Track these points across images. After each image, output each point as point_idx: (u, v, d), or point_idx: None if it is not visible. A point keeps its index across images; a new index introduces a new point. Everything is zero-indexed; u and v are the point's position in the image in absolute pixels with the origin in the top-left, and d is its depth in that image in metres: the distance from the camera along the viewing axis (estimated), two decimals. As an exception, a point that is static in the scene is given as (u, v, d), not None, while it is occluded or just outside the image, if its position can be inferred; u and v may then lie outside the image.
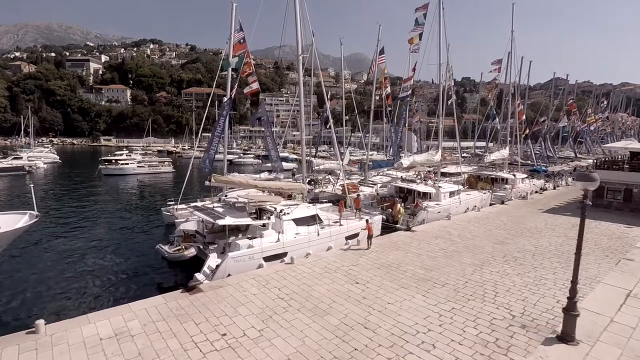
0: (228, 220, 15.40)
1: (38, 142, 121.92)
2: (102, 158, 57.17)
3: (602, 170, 28.67)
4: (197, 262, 15.52)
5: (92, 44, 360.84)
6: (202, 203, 20.20)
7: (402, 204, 24.69)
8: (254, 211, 17.25)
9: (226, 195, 21.14)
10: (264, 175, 24.15)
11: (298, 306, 11.75)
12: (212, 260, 15.04)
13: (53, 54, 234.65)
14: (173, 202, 22.22)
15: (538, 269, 15.42)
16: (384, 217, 22.99)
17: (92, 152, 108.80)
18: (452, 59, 29.16)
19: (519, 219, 24.78)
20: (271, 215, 17.06)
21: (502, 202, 30.03)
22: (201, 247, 16.19)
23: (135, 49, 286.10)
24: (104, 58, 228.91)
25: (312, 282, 13.74)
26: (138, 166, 53.98)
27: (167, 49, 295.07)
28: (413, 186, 26.27)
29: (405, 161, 26.51)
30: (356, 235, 19.37)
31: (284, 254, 16.01)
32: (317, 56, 27.00)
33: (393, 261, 16.13)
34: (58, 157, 71.46)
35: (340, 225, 18.89)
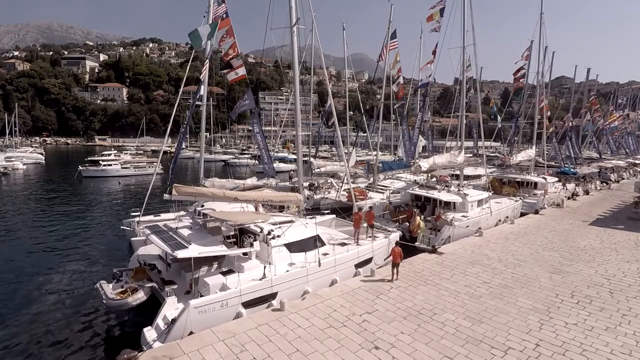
0: (192, 251, 10.93)
1: (32, 141, 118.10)
2: (87, 159, 52.83)
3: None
4: (158, 303, 11.16)
5: (91, 43, 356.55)
6: (172, 216, 15.74)
7: (422, 216, 20.19)
8: (233, 233, 12.78)
9: (202, 205, 16.63)
10: (251, 181, 19.65)
11: (287, 403, 7.30)
12: (170, 307, 10.62)
13: (50, 53, 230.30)
14: (138, 213, 17.53)
15: (630, 319, 10.90)
16: (401, 233, 18.48)
17: (85, 152, 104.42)
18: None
19: (565, 234, 20.24)
20: (255, 239, 12.58)
21: (536, 212, 25.46)
22: (157, 286, 11.69)
23: (134, 47, 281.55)
24: (102, 57, 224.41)
25: (310, 346, 9.26)
26: (122, 167, 49.49)
27: (167, 48, 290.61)
28: (434, 194, 21.77)
29: (424, 163, 22.01)
30: (369, 261, 14.92)
31: (273, 296, 11.54)
32: (318, 39, 22.40)
33: (423, 304, 11.64)
34: (43, 158, 67.29)
35: (350, 248, 14.42)
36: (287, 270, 12.11)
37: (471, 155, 41.83)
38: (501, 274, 14.34)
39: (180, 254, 10.66)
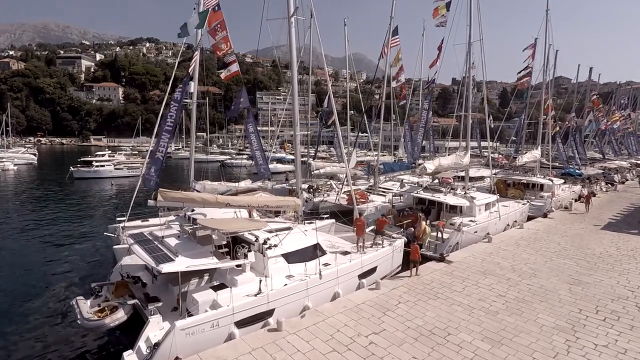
0: (179, 264, 9.80)
1: (26, 141, 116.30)
2: (80, 159, 51.48)
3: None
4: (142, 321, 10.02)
5: (87, 43, 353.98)
6: (161, 221, 14.55)
7: (427, 221, 19.09)
8: (225, 242, 11.63)
9: (192, 210, 15.43)
10: (245, 184, 18.49)
11: None
12: (154, 328, 9.46)
13: (46, 52, 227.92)
14: (123, 218, 16.15)
15: (665, 339, 9.85)
16: (406, 239, 17.34)
17: (80, 153, 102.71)
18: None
19: (577, 240, 19.21)
20: (250, 249, 11.44)
21: (545, 215, 24.44)
22: (139, 302, 10.51)
23: (131, 47, 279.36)
24: (98, 56, 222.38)
25: (312, 375, 8.15)
26: (116, 168, 48.13)
27: (164, 48, 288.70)
28: (439, 197, 20.67)
29: (430, 165, 20.93)
30: (373, 271, 13.81)
31: (269, 313, 10.42)
32: (318, 31, 21.19)
33: (435, 322, 10.54)
34: (35, 158, 65.81)
35: (353, 257, 13.29)
36: (285, 284, 10.98)
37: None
38: (516, 285, 13.27)
39: (166, 267, 9.51)
